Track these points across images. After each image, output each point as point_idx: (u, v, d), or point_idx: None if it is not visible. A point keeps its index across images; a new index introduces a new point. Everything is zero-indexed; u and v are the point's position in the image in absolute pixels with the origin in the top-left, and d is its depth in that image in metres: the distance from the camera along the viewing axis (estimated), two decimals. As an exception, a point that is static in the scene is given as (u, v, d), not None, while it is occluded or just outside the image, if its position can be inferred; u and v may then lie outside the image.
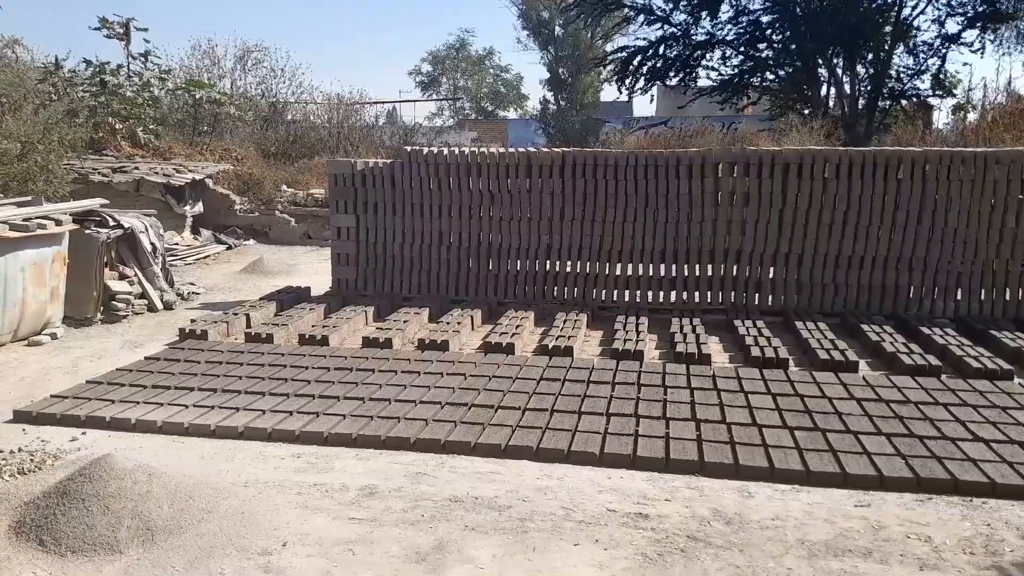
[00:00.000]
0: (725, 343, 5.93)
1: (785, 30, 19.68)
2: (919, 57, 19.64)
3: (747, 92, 21.56)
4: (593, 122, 28.39)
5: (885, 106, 19.61)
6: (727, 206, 6.68)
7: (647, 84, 21.77)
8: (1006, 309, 6.34)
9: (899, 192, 6.35)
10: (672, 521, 3.02)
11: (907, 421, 3.96)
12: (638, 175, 6.79)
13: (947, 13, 19.12)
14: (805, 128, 14.53)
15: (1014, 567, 2.70)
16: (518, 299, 7.04)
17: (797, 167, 6.52)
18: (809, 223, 6.53)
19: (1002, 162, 6.21)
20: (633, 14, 22.26)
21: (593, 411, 4.12)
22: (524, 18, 41.29)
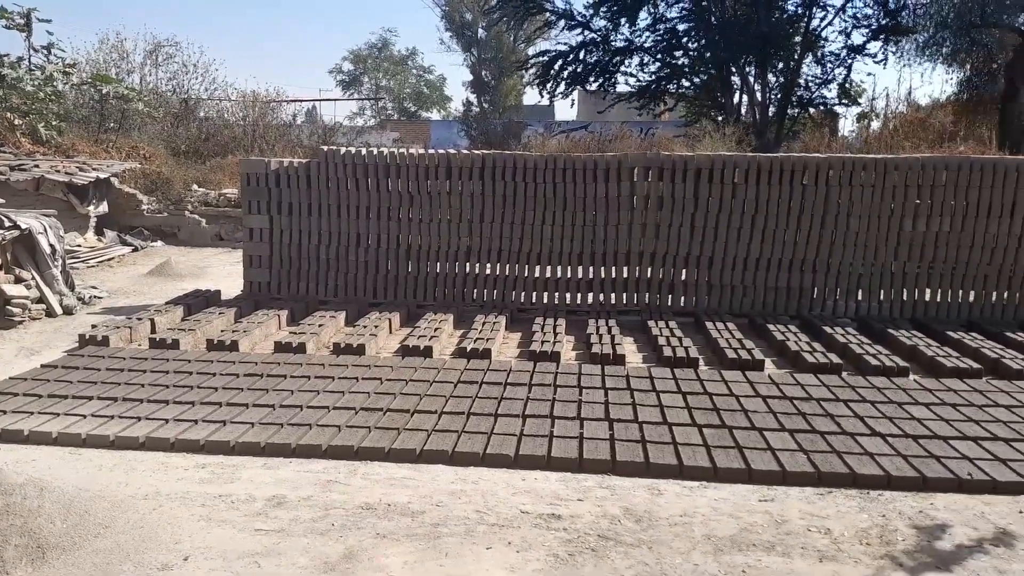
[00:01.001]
0: (639, 343, 6.04)
1: (700, 38, 20.24)
2: (826, 67, 20.53)
3: (664, 98, 22.07)
4: (515, 125, 28.52)
5: (794, 114, 20.41)
6: (642, 210, 6.81)
7: (568, 88, 22.04)
8: (903, 309, 6.67)
9: (804, 197, 6.60)
10: (584, 521, 3.05)
11: (809, 417, 4.11)
12: (556, 178, 6.85)
13: (852, 25, 20.06)
14: (718, 134, 14.96)
15: (905, 555, 2.83)
16: (437, 302, 7.00)
17: (708, 172, 6.70)
18: (719, 227, 6.72)
19: (900, 168, 6.53)
20: (554, 19, 22.49)
21: (509, 413, 4.13)
22: (447, 19, 41.16)
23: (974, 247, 6.51)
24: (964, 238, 6.51)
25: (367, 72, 48.74)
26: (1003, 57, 20.03)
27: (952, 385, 4.72)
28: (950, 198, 6.48)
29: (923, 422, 4.07)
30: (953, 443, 3.80)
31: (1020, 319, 6.53)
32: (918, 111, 19.86)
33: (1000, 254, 6.50)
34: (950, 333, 5.97)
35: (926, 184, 6.49)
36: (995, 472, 3.47)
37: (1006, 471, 3.48)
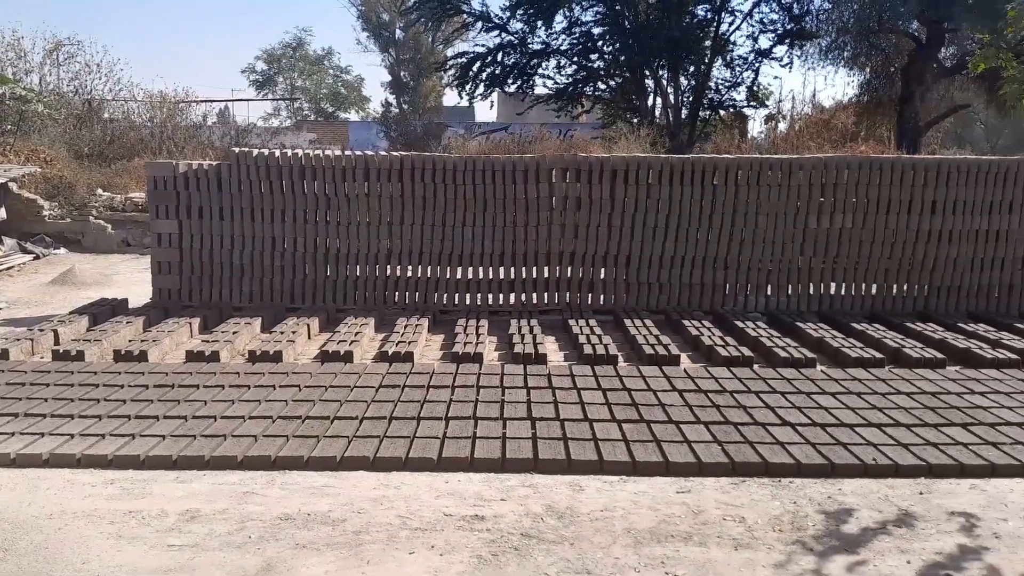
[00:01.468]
0: (561, 342, 6.11)
1: (615, 42, 20.62)
2: (735, 70, 21.24)
3: (581, 100, 22.38)
4: (436, 126, 28.43)
5: (706, 116, 21.03)
6: (561, 210, 6.89)
7: (486, 90, 22.10)
8: (810, 303, 6.95)
9: (715, 196, 6.81)
10: (507, 520, 3.06)
11: (723, 409, 4.24)
12: (476, 180, 6.85)
13: (760, 30, 20.81)
14: (633, 136, 15.27)
15: (814, 540, 2.95)
16: (358, 306, 6.91)
17: (624, 173, 6.83)
18: (635, 226, 6.86)
19: (805, 168, 6.81)
20: (472, 20, 22.52)
21: (432, 416, 4.11)
22: (364, 19, 40.64)
23: (875, 242, 6.84)
24: (865, 234, 6.83)
25: (282, 72, 47.64)
26: (899, 61, 21.12)
27: (856, 375, 4.95)
28: (852, 196, 6.79)
29: (830, 411, 4.25)
30: (858, 430, 3.98)
31: (919, 310, 6.90)
32: (822, 112, 20.77)
33: (899, 248, 6.86)
34: (854, 325, 6.26)
35: (829, 183, 6.79)
36: (897, 456, 3.65)
37: (908, 455, 3.67)
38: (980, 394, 4.58)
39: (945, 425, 4.06)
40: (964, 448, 3.75)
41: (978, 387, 4.70)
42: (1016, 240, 6.84)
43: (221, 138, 18.09)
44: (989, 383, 4.79)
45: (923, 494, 3.36)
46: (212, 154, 14.86)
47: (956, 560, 2.81)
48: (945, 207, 6.80)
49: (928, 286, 6.91)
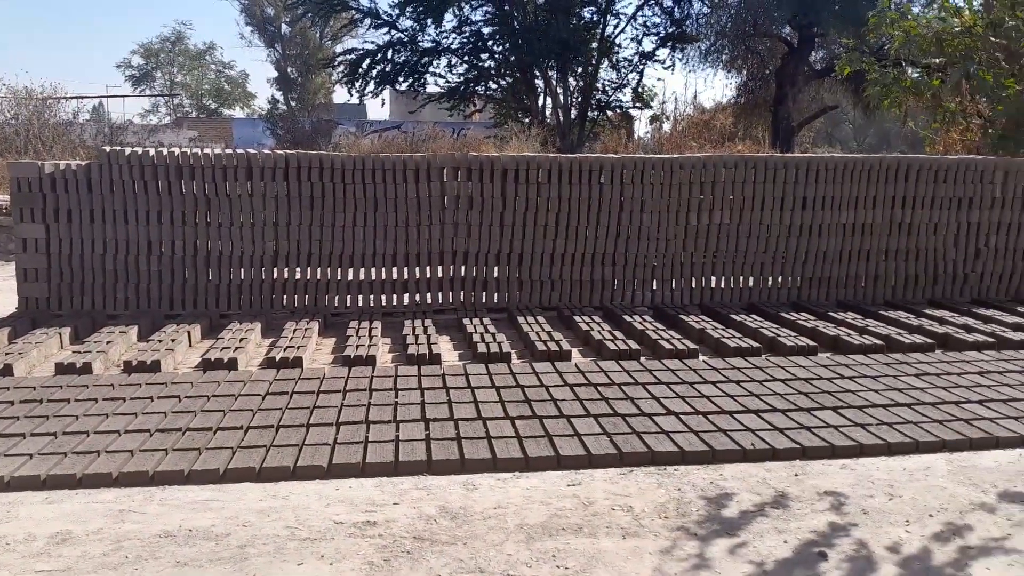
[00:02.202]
0: (455, 341, 6.11)
1: (504, 42, 20.79)
2: (621, 72, 21.86)
3: (473, 100, 22.45)
4: (325, 124, 27.81)
5: (594, 116, 21.51)
6: (453, 209, 6.88)
7: (377, 88, 21.85)
8: (692, 296, 7.23)
9: (602, 195, 6.97)
10: (400, 524, 3.03)
11: (612, 402, 4.35)
12: (366, 179, 6.75)
13: (643, 33, 21.51)
14: (524, 135, 15.45)
15: (697, 525, 3.07)
16: (243, 310, 6.67)
17: (514, 172, 6.89)
18: (527, 225, 6.94)
19: (685, 167, 7.07)
20: (360, 17, 22.18)
21: (322, 422, 4.02)
22: (247, 13, 39.31)
23: (751, 237, 7.18)
24: (742, 229, 7.16)
25: (160, 67, 45.49)
26: (773, 64, 22.28)
27: (736, 364, 5.18)
28: (729, 193, 7.11)
29: (711, 399, 4.43)
30: (738, 416, 4.17)
31: (792, 300, 7.29)
32: (703, 113, 21.67)
33: (774, 242, 7.23)
34: (733, 316, 6.55)
35: (708, 181, 7.07)
36: (774, 441, 3.84)
37: (783, 439, 3.87)
38: (849, 378, 4.89)
39: (817, 409, 4.31)
40: (835, 430, 3.99)
41: (847, 372, 5.02)
42: (880, 233, 7.33)
43: (94, 137, 17.08)
44: (857, 368, 5.12)
45: (798, 476, 3.56)
46: (84, 153, 14.02)
47: (828, 537, 2.99)
48: (815, 203, 7.21)
49: (801, 277, 7.32)
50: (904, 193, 7.31)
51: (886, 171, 7.27)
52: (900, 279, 7.44)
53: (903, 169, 7.30)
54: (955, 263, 7.50)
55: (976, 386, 4.75)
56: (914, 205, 7.34)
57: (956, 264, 7.50)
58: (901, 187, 7.29)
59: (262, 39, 38.90)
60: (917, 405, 4.38)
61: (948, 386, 4.74)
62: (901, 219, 7.34)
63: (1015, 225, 7.51)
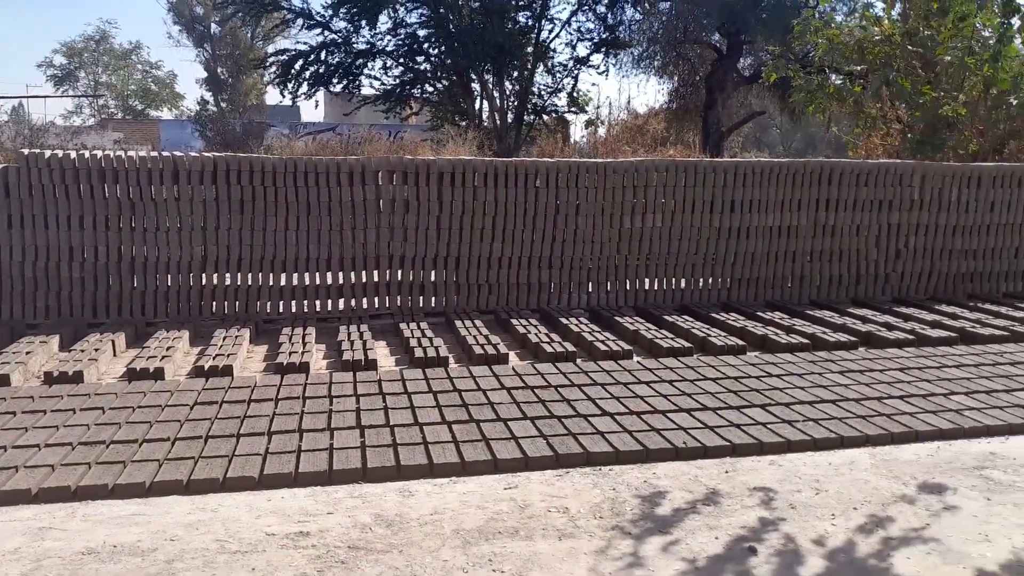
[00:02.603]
0: (392, 346, 6.05)
1: (440, 45, 20.73)
2: (556, 76, 22.04)
3: (409, 102, 22.31)
4: (257, 126, 27.23)
5: (530, 120, 21.63)
6: (389, 213, 6.82)
7: (310, 89, 21.51)
8: (627, 297, 7.34)
9: (538, 199, 7.01)
10: (333, 534, 2.99)
11: (548, 404, 4.38)
12: (299, 182, 6.63)
13: (577, 38, 21.75)
14: (461, 139, 15.43)
15: (631, 524, 3.11)
16: (170, 318, 6.48)
17: (451, 176, 6.87)
18: (464, 228, 6.93)
19: (618, 171, 7.17)
20: (292, 17, 21.81)
21: (253, 432, 3.93)
22: (175, 12, 38.29)
23: (683, 239, 7.33)
24: (674, 232, 7.31)
25: (84, 67, 43.89)
26: (703, 70, 22.80)
27: (668, 364, 5.28)
28: (661, 196, 7.24)
29: (645, 399, 4.50)
30: (670, 416, 4.25)
31: (723, 301, 7.46)
32: (637, 118, 22.02)
33: (704, 244, 7.39)
34: (666, 317, 6.67)
35: (641, 184, 7.19)
36: (705, 439, 3.92)
37: (714, 437, 3.96)
38: (776, 376, 5.03)
39: (746, 407, 4.42)
40: (763, 428, 4.10)
41: (774, 370, 5.16)
42: (805, 235, 7.56)
43: (13, 139, 16.37)
44: (784, 366, 5.27)
45: (728, 472, 3.64)
46: (2, 156, 13.41)
47: (757, 532, 3.07)
48: (743, 206, 7.40)
49: (730, 278, 7.50)
50: (828, 196, 7.57)
51: (810, 175, 7.51)
52: (824, 279, 7.70)
53: (826, 173, 7.55)
54: (876, 263, 7.80)
55: (897, 382, 4.94)
56: (837, 208, 7.61)
57: (877, 264, 7.80)
58: (825, 190, 7.55)
59: (191, 39, 37.92)
60: (841, 401, 4.54)
61: (871, 382, 4.92)
62: (825, 221, 7.59)
63: (932, 226, 7.86)
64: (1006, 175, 7.99)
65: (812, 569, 2.79)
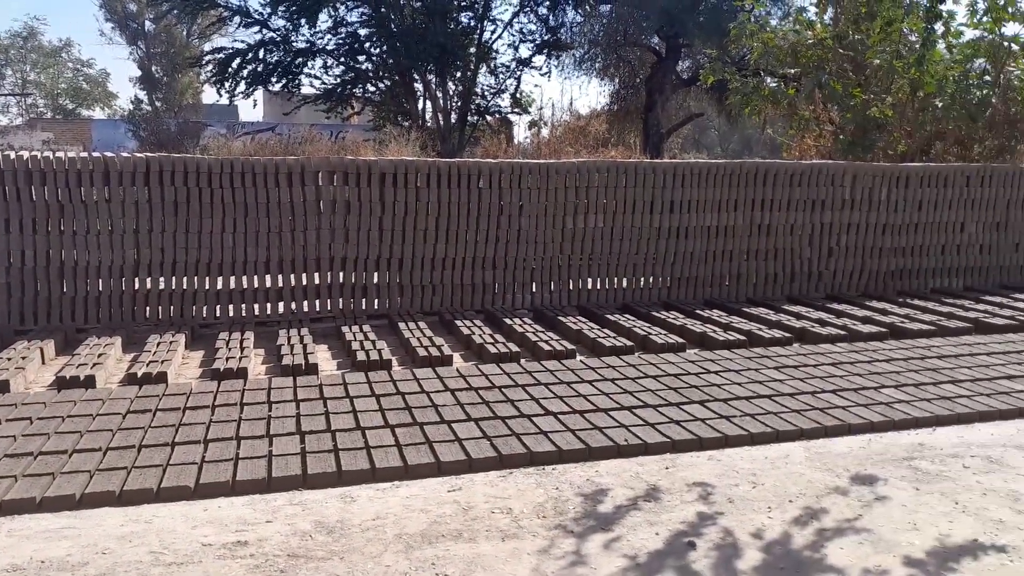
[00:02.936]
0: (334, 350, 5.97)
1: (382, 44, 20.55)
2: (499, 77, 22.07)
3: (351, 102, 22.05)
4: (193, 126, 26.59)
5: (474, 121, 21.61)
6: (329, 214, 6.73)
7: (248, 88, 21.06)
8: (570, 297, 7.39)
9: (481, 199, 7.01)
10: (273, 543, 2.93)
11: (492, 405, 4.38)
12: (235, 183, 6.50)
13: (520, 40, 21.79)
14: (404, 139, 15.33)
15: (574, 522, 3.13)
16: (102, 324, 6.27)
17: (393, 176, 6.82)
18: (407, 229, 6.88)
19: (560, 172, 7.22)
20: (229, 14, 21.34)
21: (189, 440, 3.83)
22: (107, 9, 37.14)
23: (624, 239, 7.42)
24: (616, 232, 7.39)
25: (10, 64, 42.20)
26: (643, 72, 23.12)
27: (611, 362, 5.34)
28: (603, 197, 7.31)
29: (588, 398, 4.54)
30: (612, 414, 4.29)
31: (663, 300, 7.58)
32: (579, 120, 22.19)
33: (645, 244, 7.49)
34: (608, 316, 6.74)
35: (583, 185, 7.25)
36: (646, 436, 3.98)
37: (655, 434, 4.01)
38: (715, 373, 5.13)
39: (686, 403, 4.50)
40: (702, 423, 4.17)
41: (713, 367, 5.26)
42: (741, 234, 7.73)
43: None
44: (722, 363, 5.38)
45: (668, 469, 3.70)
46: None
47: (697, 527, 3.12)
48: (682, 206, 7.53)
49: (670, 277, 7.62)
50: (763, 196, 7.75)
51: (746, 176, 7.68)
52: (760, 278, 7.88)
53: (762, 174, 7.74)
54: (810, 262, 8.02)
55: (830, 376, 5.09)
56: (772, 208, 7.80)
57: (811, 262, 8.02)
58: (760, 191, 7.73)
59: (124, 36, 36.78)
60: (777, 396, 4.66)
61: (805, 377, 5.06)
62: (761, 221, 7.78)
63: (863, 225, 8.12)
64: (933, 175, 8.31)
65: (749, 562, 2.85)
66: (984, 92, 10.67)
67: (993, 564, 2.84)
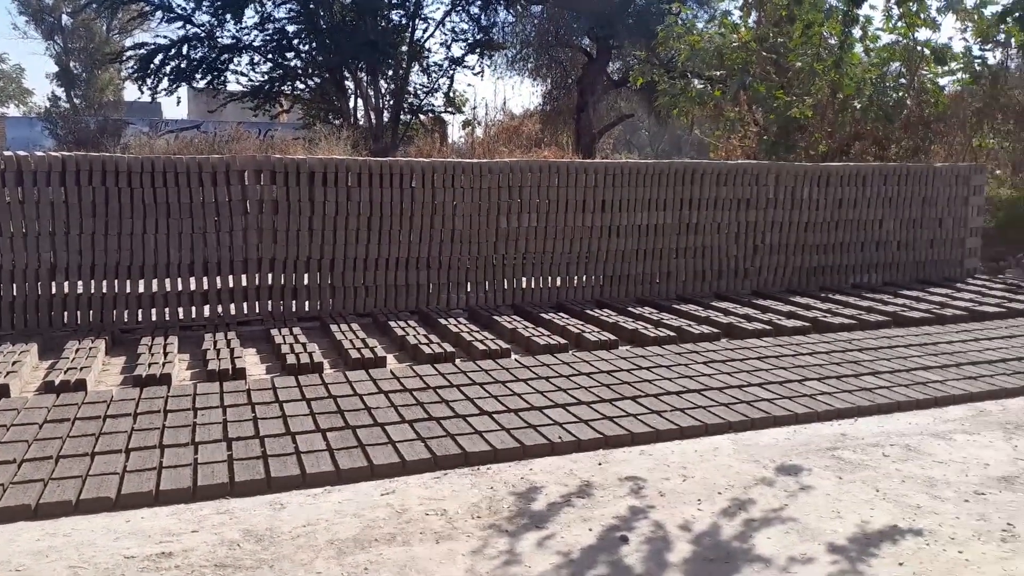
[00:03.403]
0: (263, 354, 5.83)
1: (310, 41, 20.19)
2: (432, 76, 21.93)
3: (279, 100, 21.61)
4: (114, 123, 25.60)
5: (407, 119, 21.44)
6: (257, 214, 6.57)
7: (172, 85, 20.41)
8: (505, 296, 7.40)
9: (414, 199, 6.96)
10: (199, 553, 2.84)
11: (427, 406, 4.35)
12: (157, 182, 6.28)
13: (452, 39, 21.72)
14: (335, 137, 15.10)
15: (508, 521, 3.14)
16: (16, 330, 5.98)
17: (323, 175, 6.70)
18: (337, 229, 6.78)
19: (494, 172, 7.22)
20: (151, 9, 20.65)
21: (110, 450, 3.69)
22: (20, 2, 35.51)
23: (557, 238, 7.47)
24: (549, 231, 7.43)
25: (-88, 59, 39.99)
26: (575, 73, 23.32)
27: (545, 360, 5.36)
28: (535, 196, 7.34)
29: (522, 396, 4.56)
30: (546, 412, 4.32)
31: (596, 298, 7.66)
32: (513, 119, 22.26)
33: (577, 243, 7.56)
34: (543, 315, 6.78)
35: (516, 185, 7.27)
36: (579, 432, 4.01)
37: (588, 430, 4.05)
38: (646, 369, 5.21)
39: (618, 399, 4.56)
40: (634, 419, 4.23)
41: (644, 363, 5.34)
42: (671, 233, 7.88)
43: None
44: (653, 359, 5.47)
45: (601, 464, 3.74)
46: None
47: (628, 521, 3.16)
48: (614, 205, 7.62)
49: (603, 276, 7.71)
50: (691, 196, 7.91)
51: (675, 175, 7.83)
52: (690, 275, 8.05)
53: (690, 173, 7.90)
54: (736, 259, 8.23)
55: (757, 370, 5.23)
56: (700, 207, 7.97)
57: (737, 260, 8.23)
58: (688, 190, 7.89)
59: (39, 30, 35.21)
60: (706, 390, 4.76)
61: (732, 371, 5.19)
62: (689, 220, 7.94)
63: (786, 223, 8.37)
64: (852, 174, 8.62)
65: (680, 554, 2.90)
66: (899, 94, 11.16)
67: (911, 548, 2.96)
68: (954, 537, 3.04)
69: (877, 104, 10.81)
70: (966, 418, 4.47)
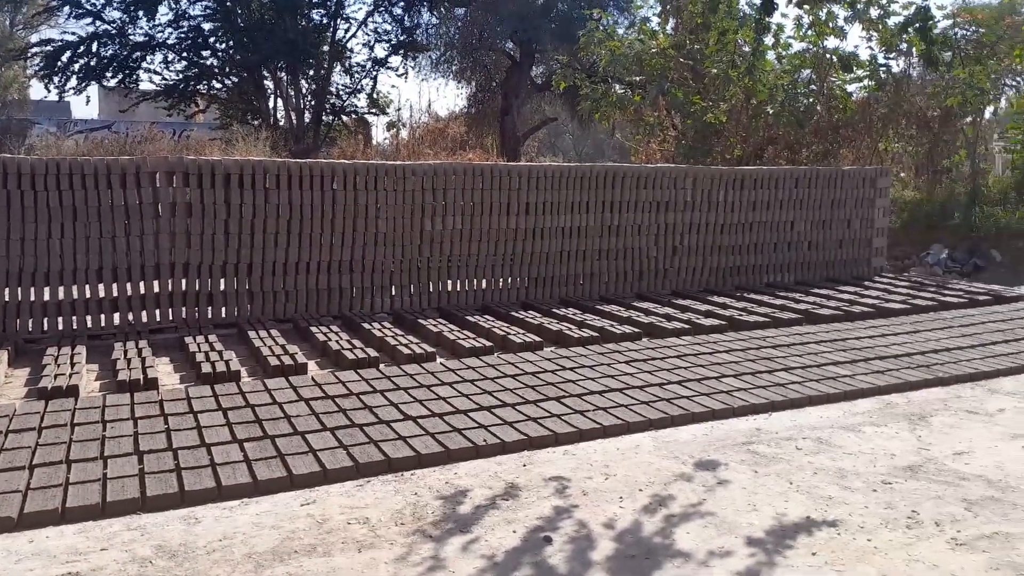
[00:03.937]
0: (176, 363, 5.63)
1: (227, 40, 19.67)
2: (355, 77, 21.67)
3: (195, 99, 20.97)
4: (18, 123, 24.34)
5: (329, 120, 21.11)
6: (169, 217, 6.35)
7: (80, 84, 19.55)
8: (431, 300, 7.36)
9: (335, 201, 6.84)
10: (108, 572, 2.72)
11: (349, 412, 4.28)
12: (62, 185, 6.00)
13: (375, 39, 21.50)
14: (253, 138, 14.75)
15: (432, 526, 3.11)
16: (-96, 342, 5.61)
17: (239, 177, 6.52)
18: (255, 233, 6.61)
19: (417, 174, 7.17)
20: (58, 4, 19.74)
21: (11, 467, 3.49)
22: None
23: (482, 241, 7.47)
24: (474, 233, 7.43)
25: None
26: (499, 76, 23.42)
27: (471, 363, 5.35)
28: (460, 199, 7.33)
29: (447, 400, 4.53)
30: (471, 415, 4.30)
31: (521, 300, 7.70)
32: (438, 122, 22.20)
33: (502, 246, 7.58)
34: (469, 318, 6.77)
35: (440, 187, 7.24)
36: (504, 435, 4.01)
37: (513, 432, 4.06)
38: (570, 369, 5.26)
39: (543, 400, 4.58)
40: (558, 419, 4.26)
41: (568, 364, 5.39)
42: (593, 235, 7.98)
43: None
44: (577, 359, 5.53)
45: (526, 466, 3.75)
46: None
47: (553, 521, 3.18)
48: (537, 208, 7.68)
49: (528, 278, 7.75)
50: (613, 198, 8.03)
51: (597, 178, 7.94)
52: (612, 276, 8.17)
53: (611, 176, 8.02)
54: (656, 260, 8.39)
55: (676, 368, 5.35)
56: (621, 209, 8.10)
57: (657, 261, 8.40)
58: (610, 193, 8.01)
59: (-69, 23, 33.15)
60: (627, 389, 4.84)
61: (653, 370, 5.29)
62: (611, 222, 8.06)
63: (703, 225, 8.59)
64: (765, 177, 8.92)
65: (603, 552, 2.94)
66: (810, 100, 11.62)
67: (824, 538, 3.07)
68: (863, 526, 3.17)
69: (789, 110, 11.23)
70: (874, 411, 4.68)
